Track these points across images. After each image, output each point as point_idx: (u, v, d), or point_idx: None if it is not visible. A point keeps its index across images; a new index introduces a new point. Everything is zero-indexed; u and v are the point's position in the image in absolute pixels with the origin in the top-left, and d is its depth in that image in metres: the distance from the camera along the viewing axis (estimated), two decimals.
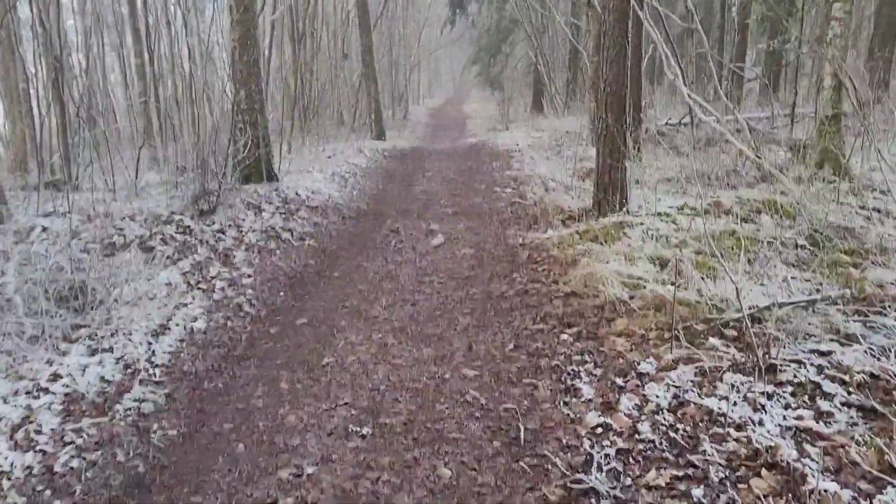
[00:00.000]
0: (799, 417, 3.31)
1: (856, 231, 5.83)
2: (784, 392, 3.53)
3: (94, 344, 4.91)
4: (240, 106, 9.88)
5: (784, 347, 3.90)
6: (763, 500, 2.78)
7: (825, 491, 2.74)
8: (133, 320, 5.34)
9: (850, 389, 3.48)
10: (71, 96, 11.35)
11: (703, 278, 4.94)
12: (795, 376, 3.62)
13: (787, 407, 3.42)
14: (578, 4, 20.59)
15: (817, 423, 3.25)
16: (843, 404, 3.37)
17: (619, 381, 3.95)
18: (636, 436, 3.38)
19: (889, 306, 4.29)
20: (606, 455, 3.27)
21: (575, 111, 21.45)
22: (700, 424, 3.37)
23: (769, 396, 3.48)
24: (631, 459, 3.22)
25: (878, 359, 3.72)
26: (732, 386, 3.62)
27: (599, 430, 3.50)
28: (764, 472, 2.95)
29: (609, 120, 7.37)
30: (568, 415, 3.69)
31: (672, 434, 3.34)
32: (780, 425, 3.26)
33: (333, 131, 22.20)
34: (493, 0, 25.49)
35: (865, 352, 3.80)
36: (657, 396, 3.66)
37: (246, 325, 5.39)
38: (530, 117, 24.03)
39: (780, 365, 3.72)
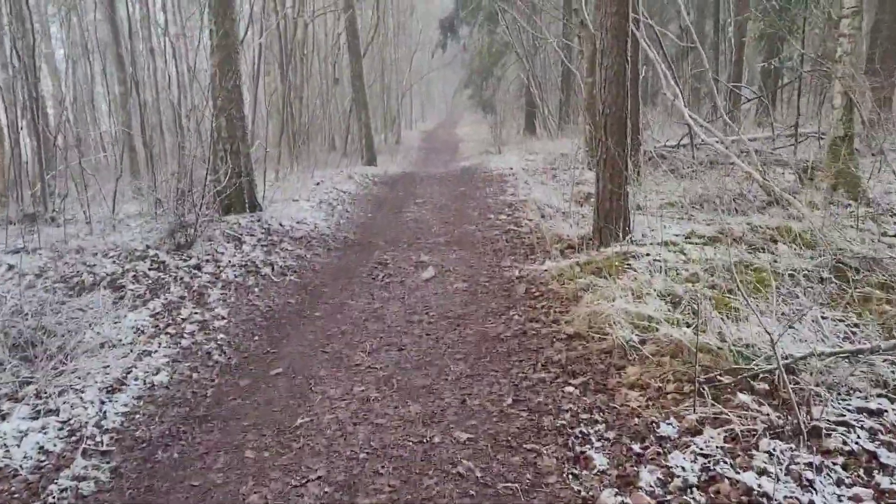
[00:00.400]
0: (856, 498, 2.75)
1: (883, 262, 5.29)
2: (834, 464, 2.96)
3: (40, 404, 4.33)
4: (220, 133, 9.36)
5: (826, 405, 3.34)
6: None
7: None
8: (89, 373, 4.75)
9: None
10: (47, 127, 10.83)
11: (723, 319, 4.39)
12: (845, 443, 3.06)
13: (839, 483, 2.85)
14: (570, 26, 20.27)
15: None
16: None
17: (637, 447, 3.37)
18: None
19: None
20: None
21: (568, 133, 21.05)
22: None
23: (817, 469, 2.92)
24: None
25: None
26: (771, 455, 3.06)
27: None
28: None
29: (609, 143, 6.86)
30: (579, 492, 3.11)
31: None
32: None
33: (325, 157, 21.74)
34: (483, 24, 25.20)
35: None
36: (683, 469, 3.08)
37: (214, 376, 4.80)
38: (523, 140, 23.61)
39: (825, 428, 3.16)
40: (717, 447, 3.19)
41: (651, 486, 3.03)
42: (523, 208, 10.07)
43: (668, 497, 2.94)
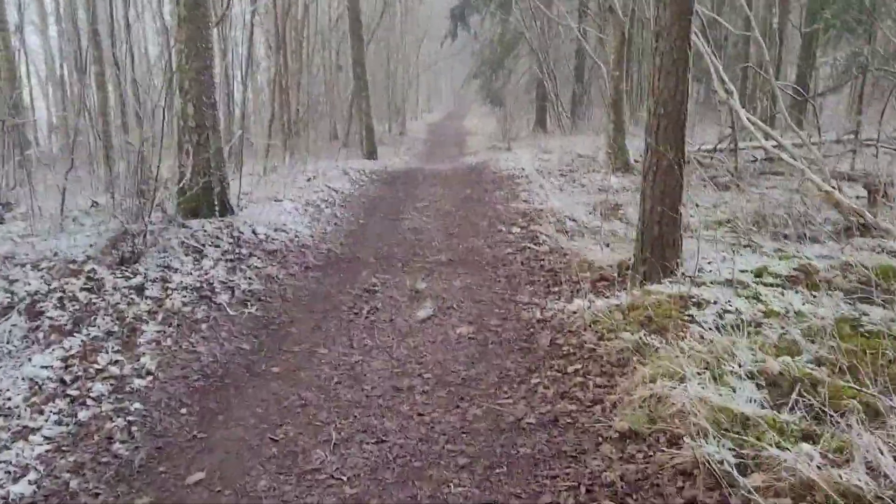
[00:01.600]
0: None
1: None
2: None
3: None
4: (186, 123, 7.76)
5: None
6: None
7: None
8: None
9: None
10: None
11: (878, 445, 2.79)
12: None
13: None
14: (588, 14, 18.56)
15: None
16: None
17: None
18: None
19: None
20: None
21: (583, 130, 19.42)
22: None
23: None
24: None
25: None
26: None
27: None
28: None
29: (662, 151, 5.25)
30: None
31: None
32: None
33: (325, 147, 20.14)
34: (496, 13, 23.46)
35: None
36: None
37: (99, 486, 3.22)
38: (533, 135, 21.98)
39: None
40: None
41: None
42: (540, 219, 8.47)
43: None
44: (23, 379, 4.37)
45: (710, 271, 5.51)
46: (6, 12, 11.61)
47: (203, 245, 7.04)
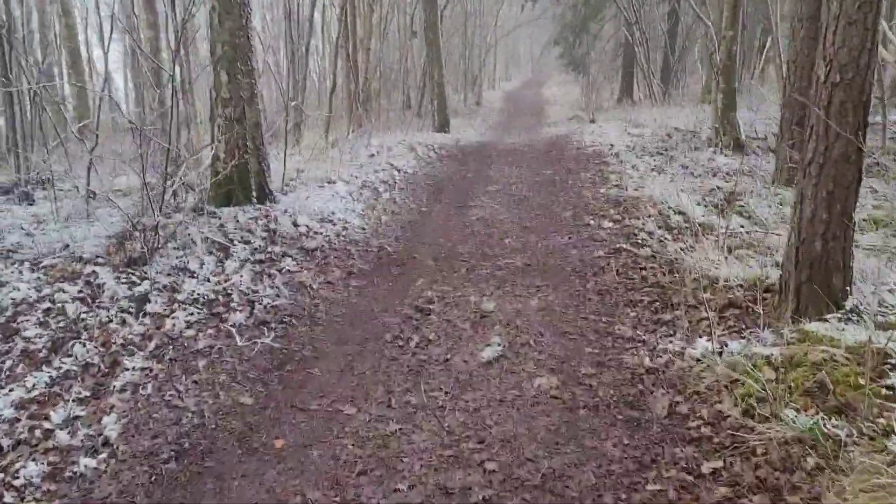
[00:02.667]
0: None
1: None
2: None
3: None
4: (219, 94, 6.54)
5: None
6: None
7: None
8: None
9: None
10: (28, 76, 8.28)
11: None
12: None
13: None
14: None
15: None
16: None
17: None
18: None
19: None
20: None
21: (676, 101, 17.35)
22: None
23: None
24: None
25: None
26: None
27: None
28: None
29: (835, 134, 3.60)
30: None
31: None
32: None
33: (399, 118, 18.83)
34: None
35: None
36: None
37: None
38: (619, 106, 19.99)
39: None
40: None
41: None
42: (637, 211, 6.88)
43: None
44: None
45: (892, 301, 3.87)
46: None
47: (231, 241, 5.83)
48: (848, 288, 3.83)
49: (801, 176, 3.87)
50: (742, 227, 5.87)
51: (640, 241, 6.02)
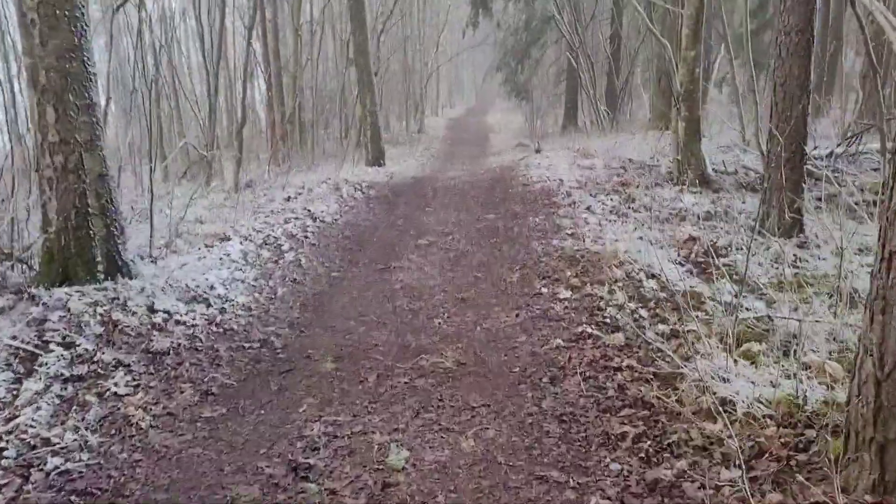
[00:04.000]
0: None
1: None
2: None
3: None
4: (46, 137, 4.77)
5: None
6: None
7: None
8: None
9: None
10: None
11: None
12: None
13: None
14: None
15: None
16: None
17: None
18: None
19: None
20: None
21: (624, 127, 16.16)
22: None
23: None
24: None
25: None
26: None
27: None
28: None
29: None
30: None
31: None
32: None
33: (334, 148, 17.14)
34: None
35: None
36: None
37: None
38: (564, 133, 18.76)
39: None
40: None
41: None
42: (599, 272, 5.36)
43: None
44: None
45: None
46: None
47: (46, 343, 4.05)
48: None
49: (880, 267, 2.37)
50: (747, 308, 4.37)
51: (607, 321, 4.49)
